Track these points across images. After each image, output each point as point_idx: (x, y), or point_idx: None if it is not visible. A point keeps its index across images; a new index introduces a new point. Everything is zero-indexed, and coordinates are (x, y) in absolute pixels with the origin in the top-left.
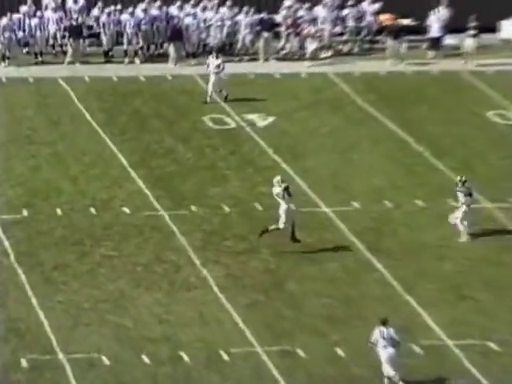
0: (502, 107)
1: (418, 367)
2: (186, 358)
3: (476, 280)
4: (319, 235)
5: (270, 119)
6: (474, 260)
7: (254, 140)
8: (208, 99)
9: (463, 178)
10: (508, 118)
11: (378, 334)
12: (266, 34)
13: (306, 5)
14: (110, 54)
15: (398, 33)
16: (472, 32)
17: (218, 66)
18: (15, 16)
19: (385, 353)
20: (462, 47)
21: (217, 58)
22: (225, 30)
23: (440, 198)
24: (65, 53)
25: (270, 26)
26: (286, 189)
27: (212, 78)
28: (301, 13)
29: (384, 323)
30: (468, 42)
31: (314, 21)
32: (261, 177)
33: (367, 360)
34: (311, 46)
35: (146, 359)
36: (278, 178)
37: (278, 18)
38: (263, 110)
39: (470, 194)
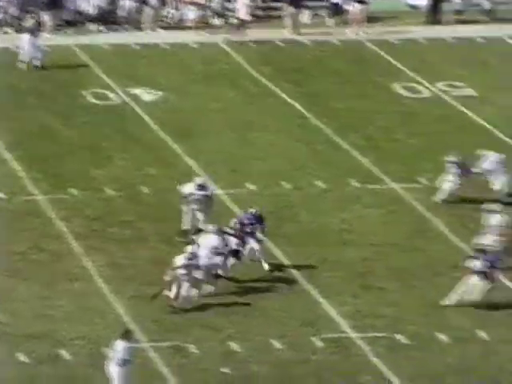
0: (410, 79)
1: (319, 362)
2: (67, 355)
3: (382, 268)
4: (212, 218)
5: (158, 94)
6: (380, 246)
7: (140, 117)
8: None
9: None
10: (417, 90)
11: (115, 346)
12: (152, 1)
13: None
14: None
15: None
16: None
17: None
18: None
19: (114, 370)
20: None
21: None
22: None
23: (343, 178)
24: None
25: None
26: None
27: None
28: None
29: (126, 336)
30: (355, 7)
31: None
32: (148, 157)
33: (265, 356)
34: (191, 14)
35: (22, 357)
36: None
37: None
38: (150, 84)
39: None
